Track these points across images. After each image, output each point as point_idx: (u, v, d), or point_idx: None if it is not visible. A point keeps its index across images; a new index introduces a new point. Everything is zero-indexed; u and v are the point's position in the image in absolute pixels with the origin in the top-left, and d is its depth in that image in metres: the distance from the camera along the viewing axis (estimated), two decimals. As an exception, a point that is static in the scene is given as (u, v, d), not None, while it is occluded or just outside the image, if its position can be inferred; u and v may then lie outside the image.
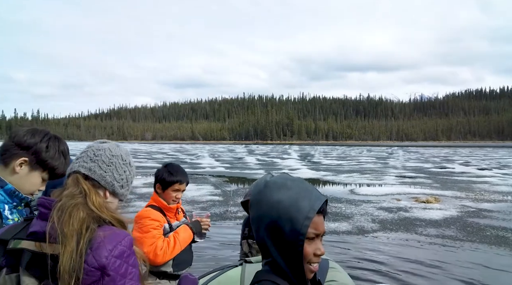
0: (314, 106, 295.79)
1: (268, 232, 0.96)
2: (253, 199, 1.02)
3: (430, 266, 5.33)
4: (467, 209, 9.65)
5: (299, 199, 0.96)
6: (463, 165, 26.58)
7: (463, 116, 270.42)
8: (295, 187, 0.99)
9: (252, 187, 1.13)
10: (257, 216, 0.99)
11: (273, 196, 0.97)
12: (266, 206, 0.97)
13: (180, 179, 2.43)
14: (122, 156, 1.32)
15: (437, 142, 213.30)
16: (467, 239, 6.80)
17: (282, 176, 1.05)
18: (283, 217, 0.94)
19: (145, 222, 2.32)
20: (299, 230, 0.93)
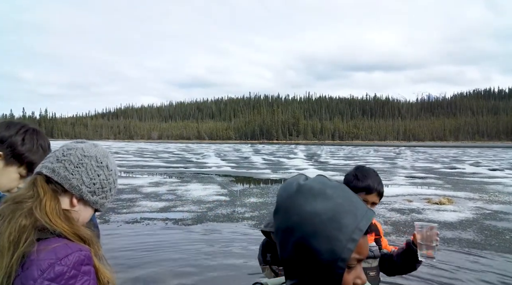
0: (320, 106, 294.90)
1: (297, 249, 0.76)
2: (280, 205, 0.81)
3: (447, 272, 5.06)
4: (483, 211, 9.32)
5: (342, 213, 0.76)
6: (474, 166, 26.09)
7: (471, 116, 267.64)
8: (336, 197, 0.79)
9: (281, 189, 0.85)
10: (285, 228, 0.78)
11: (307, 206, 0.77)
12: (298, 216, 0.77)
13: (368, 186, 1.90)
14: (97, 158, 1.12)
15: (445, 142, 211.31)
16: (485, 243, 6.50)
17: (320, 180, 0.83)
18: (319, 234, 0.74)
19: None
20: (340, 255, 0.74)
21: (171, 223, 7.87)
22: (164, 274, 4.88)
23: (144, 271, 4.97)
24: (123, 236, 6.76)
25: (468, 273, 5.01)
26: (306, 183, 0.81)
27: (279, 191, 0.84)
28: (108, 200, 1.18)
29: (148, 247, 6.08)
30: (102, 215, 8.44)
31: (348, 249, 0.74)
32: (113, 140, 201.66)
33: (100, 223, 7.76)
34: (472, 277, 4.86)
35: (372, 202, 1.94)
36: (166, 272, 4.96)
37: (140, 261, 5.38)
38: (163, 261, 5.40)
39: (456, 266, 5.27)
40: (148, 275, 4.82)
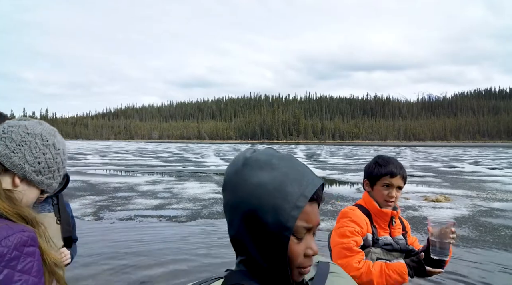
0: (320, 106, 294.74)
1: (245, 223, 0.73)
2: (228, 181, 0.78)
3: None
4: (479, 208, 9.27)
5: (287, 182, 0.74)
6: (473, 165, 26.03)
7: (472, 116, 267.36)
8: (282, 166, 0.76)
9: (228, 166, 0.82)
10: (232, 203, 0.75)
11: (253, 178, 0.74)
12: (245, 190, 0.74)
13: (391, 170, 1.87)
14: (42, 135, 1.07)
15: (446, 142, 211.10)
16: (480, 239, 6.46)
17: (267, 152, 0.79)
18: (265, 205, 0.72)
19: (344, 222, 1.84)
20: (285, 223, 0.71)
21: (165, 219, 7.84)
22: (157, 261, 4.84)
23: (136, 259, 4.93)
24: (117, 230, 6.72)
25: (463, 267, 4.97)
26: (252, 156, 0.78)
27: (227, 168, 0.80)
28: (56, 181, 1.13)
29: (141, 239, 6.05)
30: (95, 213, 8.42)
31: (292, 216, 0.71)
32: (114, 140, 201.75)
33: (93, 220, 7.74)
34: (468, 272, 4.82)
35: (397, 186, 1.88)
36: (159, 258, 4.93)
37: (133, 249, 5.34)
38: (154, 251, 5.36)
39: (451, 262, 5.22)
40: (141, 262, 4.78)
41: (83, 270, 4.71)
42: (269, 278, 0.75)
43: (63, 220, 2.23)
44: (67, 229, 2.25)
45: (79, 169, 19.82)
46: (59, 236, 2.18)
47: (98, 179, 15.09)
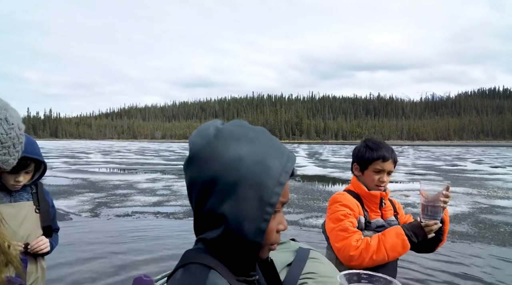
0: (323, 105, 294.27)
1: (221, 199, 0.68)
2: (197, 154, 0.70)
3: (438, 262, 4.94)
4: (479, 206, 9.18)
5: (267, 156, 0.70)
6: (476, 163, 25.86)
7: (475, 116, 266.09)
8: (260, 139, 0.72)
9: (194, 137, 0.74)
10: (206, 179, 0.68)
11: (229, 151, 0.69)
12: (221, 164, 0.68)
13: (383, 154, 1.81)
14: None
15: (449, 141, 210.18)
16: (479, 235, 6.38)
17: (239, 124, 0.75)
18: (246, 180, 0.67)
19: (335, 207, 1.79)
20: (268, 200, 0.68)
21: (162, 216, 7.81)
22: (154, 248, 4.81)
23: (130, 253, 4.90)
24: (113, 225, 6.69)
25: (461, 263, 4.90)
26: (225, 127, 0.73)
27: (192, 139, 0.73)
28: (13, 157, 1.07)
29: (136, 235, 6.01)
30: (93, 209, 8.40)
31: (275, 193, 0.69)
32: (117, 140, 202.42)
33: (90, 216, 7.72)
34: (466, 268, 4.75)
35: (388, 171, 1.83)
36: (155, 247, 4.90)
37: (130, 245, 5.31)
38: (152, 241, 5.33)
39: (449, 257, 5.15)
40: (135, 257, 4.75)
41: (76, 266, 4.68)
42: (234, 256, 0.71)
43: (42, 209, 2.19)
44: (46, 218, 2.21)
45: (80, 168, 19.86)
46: (38, 225, 2.15)
47: (98, 177, 15.09)
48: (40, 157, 2.05)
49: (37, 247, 2.03)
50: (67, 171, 17.64)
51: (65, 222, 7.07)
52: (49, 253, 2.17)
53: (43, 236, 2.12)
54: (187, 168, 0.72)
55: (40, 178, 2.17)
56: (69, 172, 17.35)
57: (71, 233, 6.23)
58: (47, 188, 2.34)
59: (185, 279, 0.67)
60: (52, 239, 2.23)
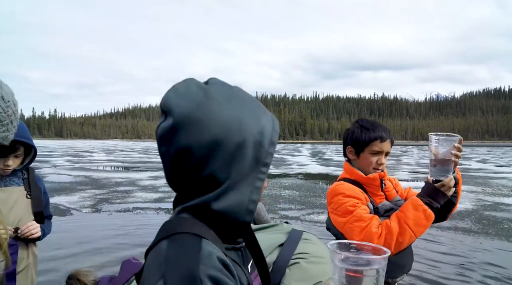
0: (327, 105, 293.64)
1: (225, 162, 0.64)
2: (189, 117, 0.64)
3: (440, 258, 4.87)
4: (483, 203, 9.08)
5: (260, 115, 0.68)
6: (480, 162, 25.67)
7: (480, 116, 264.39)
8: (247, 98, 0.69)
9: (179, 99, 0.66)
10: (208, 142, 0.63)
11: (226, 112, 0.65)
12: (220, 126, 0.64)
13: (381, 134, 1.66)
14: None
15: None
16: (482, 232, 6.29)
17: (219, 82, 0.71)
18: (247, 140, 0.65)
19: (338, 200, 1.62)
20: (263, 160, 0.66)
21: (163, 212, 7.78)
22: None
23: (130, 247, 4.88)
24: (114, 220, 6.68)
25: (464, 258, 4.83)
26: (211, 88, 0.68)
27: (174, 101, 0.66)
28: (11, 132, 1.09)
29: (136, 230, 6.00)
30: (94, 205, 8.40)
31: (269, 153, 0.67)
32: (121, 140, 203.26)
33: (91, 211, 7.71)
34: (468, 264, 4.68)
35: (386, 152, 1.68)
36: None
37: (130, 239, 5.30)
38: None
39: (451, 253, 5.08)
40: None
41: (72, 257, 4.67)
42: (226, 221, 0.66)
43: (33, 195, 2.15)
44: (38, 204, 2.17)
45: (84, 166, 19.92)
46: (29, 210, 2.11)
47: (100, 175, 15.12)
48: (30, 140, 2.01)
49: (27, 232, 1.99)
50: (70, 169, 17.70)
51: (66, 217, 7.06)
52: (40, 239, 2.14)
53: (34, 221, 2.09)
54: (173, 135, 0.65)
55: (30, 163, 2.13)
56: (72, 170, 17.40)
57: (70, 226, 6.22)
58: (49, 184, 2.31)
59: (175, 250, 0.60)
60: (44, 225, 2.19)
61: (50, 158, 26.28)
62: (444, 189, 1.44)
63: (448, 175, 1.41)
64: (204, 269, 0.56)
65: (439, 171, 1.41)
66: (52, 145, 68.03)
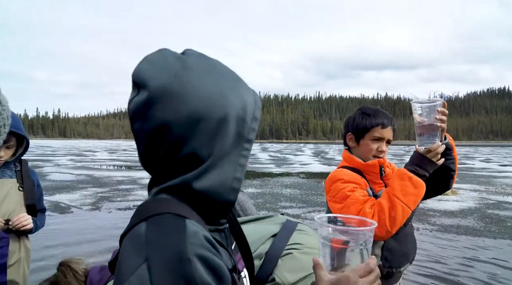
0: (330, 105, 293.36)
1: (206, 138, 0.59)
2: (163, 91, 0.59)
3: (442, 255, 4.82)
4: (486, 201, 9.00)
5: (241, 89, 0.64)
6: (484, 162, 25.51)
7: (485, 115, 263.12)
8: (227, 71, 0.65)
9: (153, 70, 0.61)
10: (187, 117, 0.58)
11: (207, 84, 0.60)
12: (201, 100, 0.59)
13: (382, 121, 1.62)
14: None
15: (458, 141, 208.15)
16: (484, 230, 6.22)
17: (196, 53, 0.66)
18: (230, 115, 0.61)
19: (336, 186, 1.57)
20: (246, 136, 0.63)
21: (163, 210, 7.76)
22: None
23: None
24: (113, 216, 6.67)
25: (466, 256, 4.78)
26: (189, 58, 0.63)
27: (147, 73, 0.60)
28: (1, 137, 1.11)
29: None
30: (95, 203, 8.39)
31: (252, 129, 0.64)
32: (124, 139, 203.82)
33: (91, 209, 7.71)
34: (470, 262, 4.62)
35: (387, 140, 1.64)
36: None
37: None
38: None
39: (453, 250, 5.03)
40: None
41: (67, 247, 4.65)
42: (209, 201, 0.62)
43: (26, 187, 2.12)
44: (30, 196, 2.14)
45: (86, 165, 19.97)
46: (21, 203, 2.08)
47: (102, 173, 15.15)
48: (22, 131, 1.98)
49: (19, 223, 1.96)
50: (72, 168, 17.75)
51: (66, 214, 7.06)
52: (32, 232, 2.11)
53: (25, 213, 2.06)
54: (148, 110, 0.59)
55: (22, 154, 2.10)
56: (75, 168, 17.45)
57: (69, 222, 6.21)
58: (51, 182, 2.28)
59: (156, 231, 0.54)
60: (37, 219, 2.16)
61: (53, 158, 26.37)
62: (430, 156, 1.40)
63: (436, 141, 1.38)
64: (192, 248, 0.52)
65: (426, 139, 1.38)
66: (55, 144, 68.32)
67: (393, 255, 1.54)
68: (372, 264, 0.62)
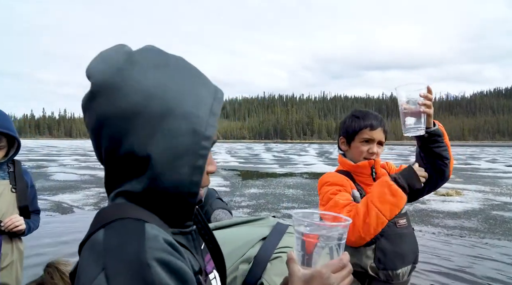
0: (335, 105, 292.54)
1: (145, 136, 0.57)
2: (105, 84, 0.57)
3: (443, 257, 4.76)
4: (491, 203, 8.89)
5: (196, 85, 0.61)
6: (490, 162, 25.25)
7: (491, 115, 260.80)
8: (182, 66, 0.62)
9: (97, 64, 0.60)
10: (122, 113, 0.56)
11: (149, 79, 0.57)
12: (140, 94, 0.56)
13: (371, 122, 1.62)
14: None
15: (464, 141, 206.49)
16: (488, 231, 6.14)
17: (155, 49, 0.63)
18: (174, 110, 0.57)
19: (323, 189, 1.60)
20: (203, 133, 0.59)
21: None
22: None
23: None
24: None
25: (467, 257, 4.71)
26: (137, 52, 0.61)
27: (94, 66, 0.60)
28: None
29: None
30: (97, 203, 8.41)
31: (211, 125, 0.60)
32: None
33: (93, 209, 7.72)
34: (471, 263, 4.56)
35: (378, 141, 1.63)
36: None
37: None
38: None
39: (454, 252, 4.96)
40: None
41: (59, 245, 4.65)
42: (168, 205, 0.60)
43: (19, 189, 2.11)
44: (23, 198, 2.13)
45: (90, 164, 20.05)
46: (14, 204, 2.07)
47: (106, 173, 15.19)
48: (13, 132, 1.97)
49: (11, 224, 1.95)
50: (76, 168, 17.84)
51: (67, 214, 7.08)
52: (25, 234, 2.10)
53: (17, 215, 2.04)
54: (91, 103, 0.58)
55: (15, 155, 2.09)
56: (79, 168, 17.53)
57: (70, 221, 6.22)
58: (55, 182, 2.27)
59: (114, 237, 0.53)
60: (30, 220, 2.15)
61: (58, 158, 26.56)
62: (420, 174, 1.43)
63: (421, 127, 1.36)
64: (151, 253, 0.50)
65: (411, 125, 1.35)
66: (61, 145, 68.80)
67: (386, 256, 1.51)
68: (345, 260, 0.62)
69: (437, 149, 1.48)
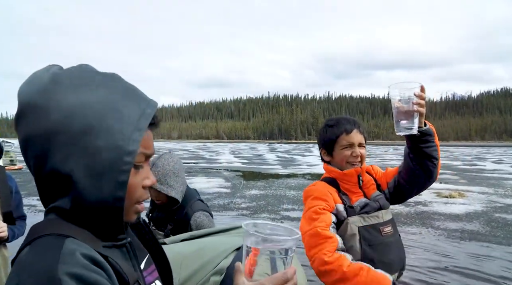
0: (340, 105, 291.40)
1: (65, 154, 0.58)
2: (28, 104, 0.59)
3: (444, 259, 4.69)
4: (494, 205, 8.77)
5: (120, 101, 0.61)
6: (496, 163, 24.98)
7: (498, 115, 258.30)
8: (109, 84, 0.63)
9: (24, 86, 0.62)
10: (43, 132, 0.58)
11: (70, 98, 0.58)
12: (61, 112, 0.57)
13: (345, 127, 1.61)
14: None
15: (470, 142, 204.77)
16: (490, 234, 6.05)
17: (83, 68, 0.64)
18: (96, 128, 0.58)
19: (308, 204, 1.57)
20: (125, 148, 0.59)
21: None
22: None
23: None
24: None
25: (468, 260, 4.64)
26: (63, 72, 0.62)
27: (22, 88, 0.61)
28: None
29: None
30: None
31: (133, 140, 0.60)
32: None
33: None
34: (472, 265, 4.48)
35: (359, 144, 1.60)
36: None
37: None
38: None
39: (455, 255, 4.89)
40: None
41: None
42: (96, 221, 0.61)
43: (2, 195, 2.10)
44: (6, 204, 2.12)
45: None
46: None
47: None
48: None
49: (-7, 231, 1.94)
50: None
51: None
52: (8, 241, 2.08)
53: (0, 221, 2.03)
54: (18, 123, 0.60)
55: (-2, 160, 2.08)
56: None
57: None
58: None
59: (32, 254, 0.55)
60: (15, 226, 2.13)
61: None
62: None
63: (414, 126, 1.34)
64: (63, 268, 0.52)
65: (403, 124, 1.34)
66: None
67: (374, 265, 1.48)
68: (289, 274, 0.62)
69: (427, 149, 1.47)
